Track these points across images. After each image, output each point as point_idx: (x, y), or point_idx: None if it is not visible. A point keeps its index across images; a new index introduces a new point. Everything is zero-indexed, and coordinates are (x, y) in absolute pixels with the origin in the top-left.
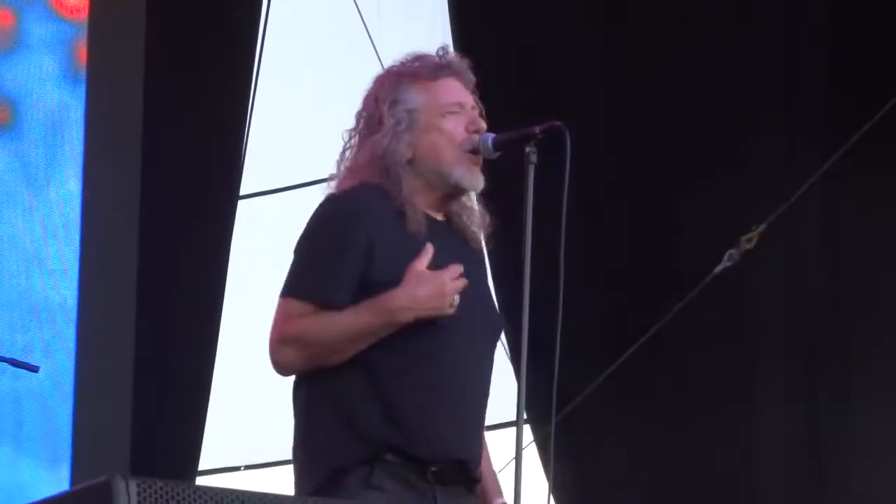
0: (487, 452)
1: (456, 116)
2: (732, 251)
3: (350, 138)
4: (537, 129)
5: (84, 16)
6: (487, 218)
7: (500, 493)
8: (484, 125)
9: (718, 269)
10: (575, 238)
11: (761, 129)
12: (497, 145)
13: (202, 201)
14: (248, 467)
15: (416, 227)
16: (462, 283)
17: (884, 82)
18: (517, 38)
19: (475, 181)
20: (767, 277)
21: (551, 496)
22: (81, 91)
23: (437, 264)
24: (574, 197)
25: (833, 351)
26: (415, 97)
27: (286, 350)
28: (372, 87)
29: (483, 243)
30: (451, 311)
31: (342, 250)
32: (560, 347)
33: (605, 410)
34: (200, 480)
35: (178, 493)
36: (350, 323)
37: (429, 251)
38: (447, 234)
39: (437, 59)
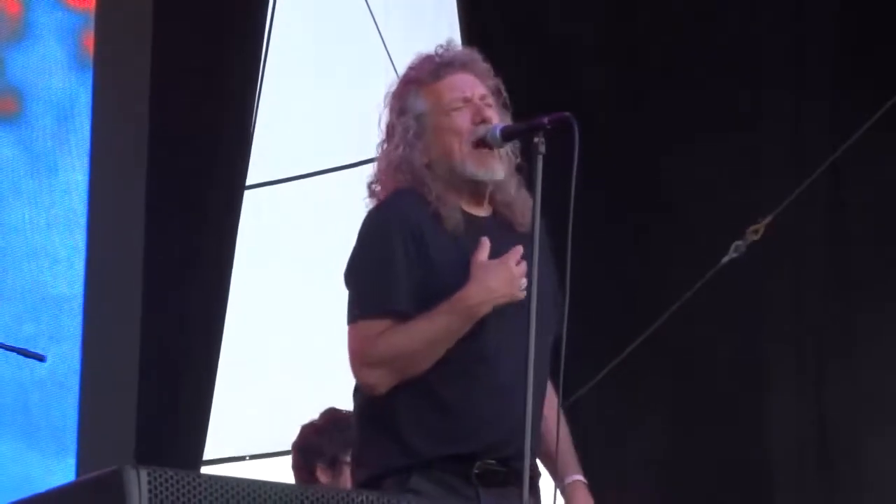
0: (566, 429)
1: (460, 112)
2: (739, 242)
3: (380, 148)
4: (546, 120)
5: (91, 5)
6: (530, 202)
7: (577, 470)
8: (490, 114)
9: (725, 259)
10: (582, 229)
11: (769, 121)
12: (505, 135)
13: (209, 191)
14: (252, 457)
15: (452, 224)
16: (524, 266)
17: (891, 74)
18: (526, 27)
19: (489, 172)
20: (775, 269)
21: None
22: (88, 80)
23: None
24: (581, 188)
25: (841, 350)
26: (420, 102)
27: (373, 373)
28: (387, 98)
29: (531, 227)
30: (522, 294)
31: (393, 260)
32: (567, 337)
33: (612, 401)
34: (205, 470)
35: (188, 483)
36: (427, 329)
37: (486, 245)
38: (492, 228)
39: (438, 58)
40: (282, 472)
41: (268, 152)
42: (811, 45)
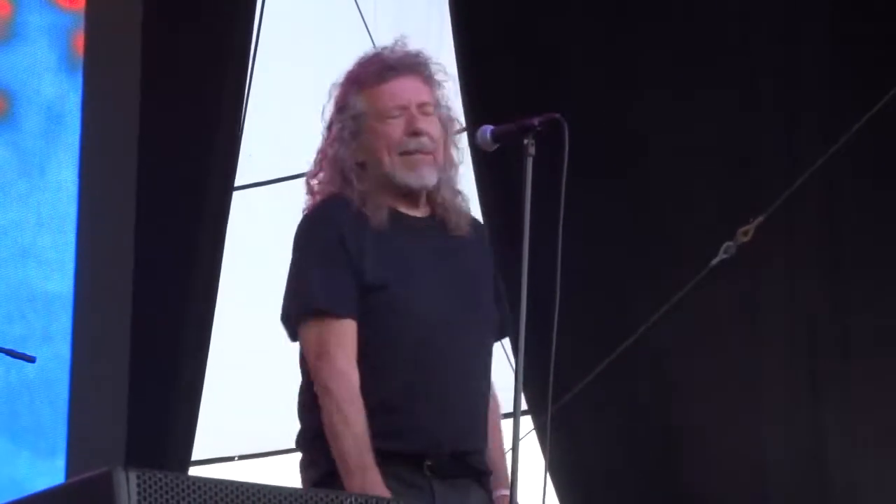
0: (501, 442)
1: (395, 120)
2: (729, 244)
3: (323, 138)
4: (536, 122)
5: (81, 5)
6: (465, 208)
7: (505, 485)
8: (423, 125)
9: (715, 261)
10: (573, 229)
11: (765, 121)
12: (495, 137)
13: (198, 192)
14: (241, 457)
15: (376, 221)
16: None
17: (883, 74)
18: (515, 19)
19: (420, 179)
20: (768, 272)
21: (547, 474)
22: (78, 81)
23: (406, 256)
24: (572, 187)
25: (836, 356)
26: (360, 103)
27: (324, 399)
28: (331, 92)
29: (466, 231)
30: None
31: (335, 265)
32: (558, 338)
33: (600, 407)
34: (194, 471)
35: (177, 485)
36: (344, 459)
37: None
38: (428, 228)
39: (383, 60)
40: (271, 472)
41: (256, 153)
42: (808, 46)
